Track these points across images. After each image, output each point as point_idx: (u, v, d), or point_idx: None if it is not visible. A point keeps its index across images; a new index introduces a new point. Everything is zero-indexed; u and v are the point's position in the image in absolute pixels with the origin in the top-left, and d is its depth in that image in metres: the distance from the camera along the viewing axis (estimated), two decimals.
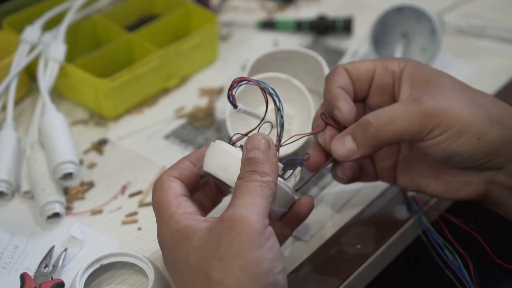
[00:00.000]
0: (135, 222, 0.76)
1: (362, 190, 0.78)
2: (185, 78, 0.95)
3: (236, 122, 0.76)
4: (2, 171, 0.76)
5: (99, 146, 0.85)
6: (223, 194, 0.71)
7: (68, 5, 0.93)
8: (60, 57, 0.86)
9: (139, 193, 0.79)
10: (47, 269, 0.69)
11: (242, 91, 0.72)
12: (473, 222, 0.72)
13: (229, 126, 0.76)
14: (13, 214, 0.76)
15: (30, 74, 0.91)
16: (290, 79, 0.77)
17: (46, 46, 0.87)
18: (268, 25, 1.04)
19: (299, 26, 1.03)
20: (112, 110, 0.88)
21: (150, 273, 0.67)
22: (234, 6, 1.10)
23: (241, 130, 0.69)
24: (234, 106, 0.64)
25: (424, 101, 0.64)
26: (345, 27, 1.02)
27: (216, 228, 0.57)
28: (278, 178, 0.62)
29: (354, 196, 0.78)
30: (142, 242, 0.73)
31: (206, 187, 0.69)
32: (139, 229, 0.75)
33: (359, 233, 0.74)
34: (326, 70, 0.79)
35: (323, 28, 1.02)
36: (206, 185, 0.69)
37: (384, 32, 0.94)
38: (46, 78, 0.85)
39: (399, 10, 0.93)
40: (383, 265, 0.75)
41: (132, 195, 0.79)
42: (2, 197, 0.77)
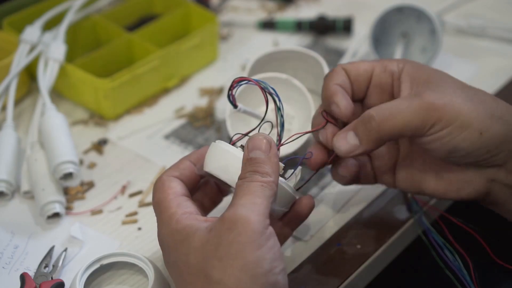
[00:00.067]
0: (135, 222, 0.76)
1: (362, 190, 0.78)
2: (185, 78, 0.95)
3: (236, 122, 0.76)
4: (2, 171, 0.76)
5: (99, 146, 0.85)
6: (224, 194, 0.70)
7: (68, 5, 0.93)
8: (60, 57, 0.86)
9: (139, 193, 0.79)
10: (47, 269, 0.69)
11: (242, 91, 0.72)
12: (473, 222, 0.72)
13: (229, 126, 0.76)
14: (13, 214, 0.76)
15: (30, 74, 0.91)
16: (290, 79, 0.77)
17: (46, 46, 0.87)
18: (268, 25, 1.04)
19: (299, 26, 1.03)
20: (112, 110, 0.88)
21: (150, 273, 0.67)
22: (234, 6, 1.10)
23: (241, 130, 0.69)
24: (234, 106, 0.64)
25: (426, 96, 0.64)
26: (345, 27, 1.02)
27: (216, 228, 0.57)
28: (279, 178, 0.62)
29: (354, 196, 0.78)
30: (142, 242, 0.73)
31: (206, 187, 0.69)
32: (139, 229, 0.75)
33: (359, 233, 0.74)
34: (326, 70, 0.79)
35: (323, 28, 1.02)
36: (207, 185, 0.69)
37: (384, 32, 0.94)
38: (46, 78, 0.85)
39: (399, 10, 0.93)
40: (383, 265, 0.75)
41: (132, 195, 0.79)
42: (2, 197, 0.77)
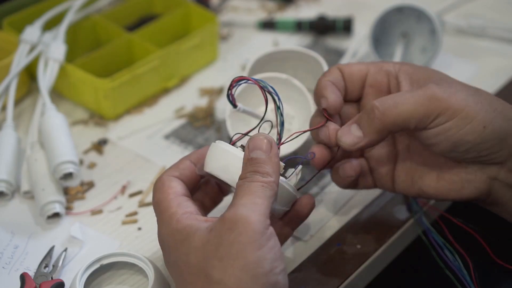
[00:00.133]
0: (135, 222, 0.76)
1: (362, 190, 0.78)
2: (185, 78, 0.95)
3: (236, 122, 0.76)
4: (2, 171, 0.76)
5: (99, 146, 0.85)
6: (224, 193, 0.70)
7: (68, 5, 0.93)
8: (60, 57, 0.86)
9: (139, 193, 0.79)
10: (47, 269, 0.69)
11: (242, 91, 0.72)
12: (473, 222, 0.72)
13: (229, 126, 0.76)
14: (13, 214, 0.76)
15: (30, 74, 0.91)
16: (290, 79, 0.77)
17: (46, 46, 0.87)
18: (268, 25, 1.04)
19: (299, 26, 1.03)
20: (112, 110, 0.88)
21: (150, 273, 0.67)
22: (234, 6, 1.10)
23: (241, 130, 0.69)
24: (234, 105, 0.64)
25: (430, 87, 0.64)
26: (345, 27, 1.02)
27: (217, 228, 0.57)
28: (280, 177, 0.62)
29: (354, 196, 0.78)
30: (142, 242, 0.73)
31: (206, 187, 0.69)
32: (139, 229, 0.75)
33: (359, 233, 0.74)
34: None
35: (323, 28, 1.02)
36: (207, 184, 0.69)
37: (384, 32, 0.94)
38: (46, 78, 0.85)
39: (399, 10, 0.93)
40: (383, 265, 0.75)
41: (132, 195, 0.79)
42: (2, 197, 0.77)
